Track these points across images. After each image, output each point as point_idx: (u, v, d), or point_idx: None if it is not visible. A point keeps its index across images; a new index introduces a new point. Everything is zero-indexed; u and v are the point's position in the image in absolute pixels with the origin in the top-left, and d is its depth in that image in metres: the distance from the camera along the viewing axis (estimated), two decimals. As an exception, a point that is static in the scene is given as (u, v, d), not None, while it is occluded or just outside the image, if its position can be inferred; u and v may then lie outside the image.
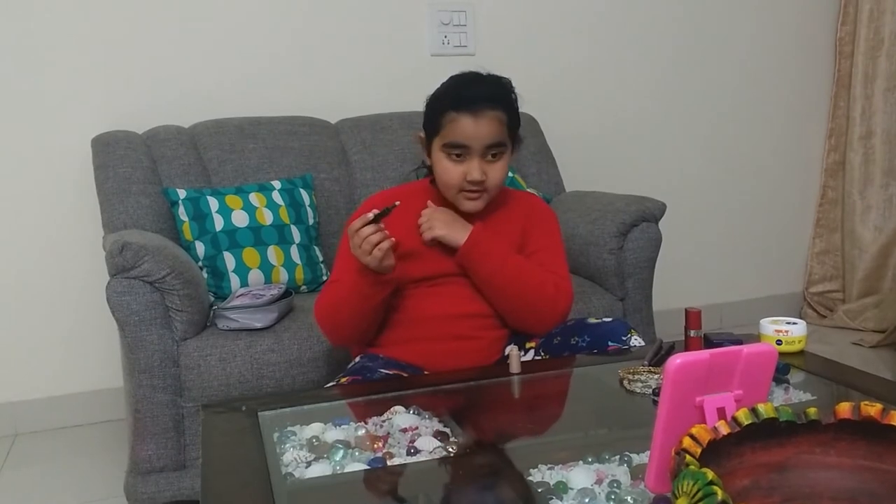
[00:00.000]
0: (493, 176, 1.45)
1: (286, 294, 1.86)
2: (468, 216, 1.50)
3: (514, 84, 1.49)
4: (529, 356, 1.47)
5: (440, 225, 1.47)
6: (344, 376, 1.45)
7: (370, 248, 1.31)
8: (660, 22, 2.92)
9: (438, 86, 1.49)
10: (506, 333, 1.53)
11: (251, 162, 2.21)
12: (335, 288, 1.47)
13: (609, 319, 1.55)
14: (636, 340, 1.47)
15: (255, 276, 1.98)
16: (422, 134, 1.51)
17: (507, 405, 1.30)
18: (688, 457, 0.68)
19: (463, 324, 1.48)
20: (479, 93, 1.42)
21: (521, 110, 1.50)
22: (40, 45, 2.27)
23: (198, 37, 2.41)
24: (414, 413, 1.14)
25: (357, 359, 1.52)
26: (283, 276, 2.02)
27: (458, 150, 1.42)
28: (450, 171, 1.44)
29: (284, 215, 2.08)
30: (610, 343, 1.47)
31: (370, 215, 1.32)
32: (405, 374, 1.42)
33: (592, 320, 1.54)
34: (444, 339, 1.46)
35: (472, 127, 1.41)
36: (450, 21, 2.64)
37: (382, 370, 1.43)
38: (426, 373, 1.44)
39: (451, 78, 1.48)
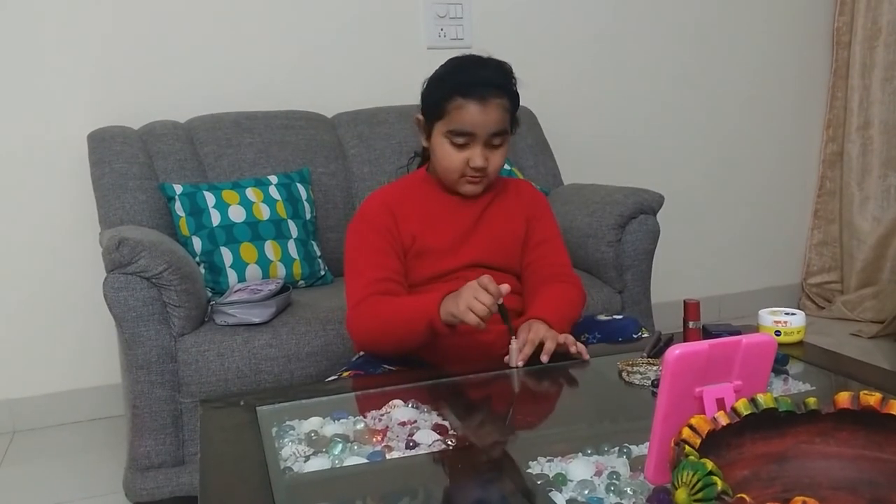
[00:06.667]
0: (495, 162, 1.45)
1: (284, 289, 1.85)
2: (469, 199, 1.50)
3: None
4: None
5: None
6: (347, 370, 1.44)
7: (482, 309, 1.24)
8: (656, 14, 2.92)
9: (437, 68, 1.47)
10: (507, 327, 1.52)
11: (248, 157, 2.20)
12: (392, 307, 1.38)
13: (620, 316, 1.56)
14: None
15: (253, 271, 1.98)
16: (420, 117, 1.49)
17: (506, 398, 1.30)
18: (687, 448, 0.67)
19: None
20: (486, 78, 1.41)
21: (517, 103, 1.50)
22: (36, 41, 2.26)
23: (193, 31, 2.40)
24: (413, 406, 1.14)
25: (361, 352, 1.51)
26: (280, 270, 2.01)
27: (463, 138, 1.41)
28: (452, 156, 1.43)
29: (281, 210, 2.07)
30: (621, 340, 1.47)
31: (503, 292, 1.27)
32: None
33: (602, 317, 1.55)
34: (450, 334, 1.45)
35: (480, 115, 1.39)
36: (446, 14, 2.64)
37: (385, 365, 1.42)
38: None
39: (452, 60, 1.46)
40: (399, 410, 1.12)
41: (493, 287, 1.25)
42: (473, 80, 1.40)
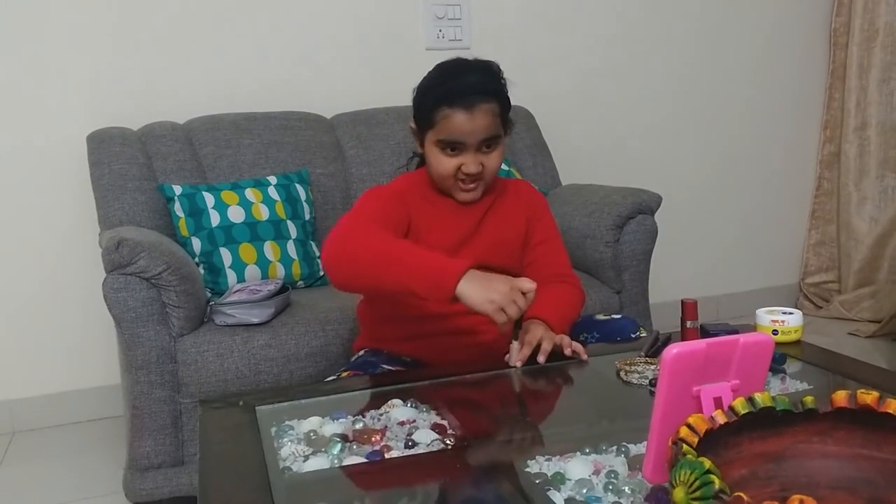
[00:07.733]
0: (489, 165, 1.44)
1: (283, 289, 1.86)
2: (467, 205, 1.49)
3: (504, 72, 1.46)
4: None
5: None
6: (346, 370, 1.45)
7: (516, 313, 1.21)
8: (655, 15, 2.92)
9: (425, 75, 1.46)
10: (511, 328, 1.52)
11: (247, 157, 2.21)
12: (400, 242, 1.30)
13: (618, 316, 1.56)
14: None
15: (252, 271, 1.98)
16: (413, 125, 1.49)
17: (504, 398, 1.30)
18: (685, 446, 0.68)
19: (469, 319, 1.46)
20: (471, 85, 1.38)
21: (516, 103, 1.49)
22: (35, 42, 2.26)
23: (192, 33, 2.40)
24: (411, 406, 1.14)
25: (360, 353, 1.52)
26: (279, 271, 2.02)
27: (454, 146, 1.41)
28: (444, 164, 1.43)
29: (281, 211, 2.07)
30: (619, 340, 1.47)
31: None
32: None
33: (601, 317, 1.55)
34: (450, 334, 1.45)
35: (468, 123, 1.38)
36: (444, 15, 2.64)
37: (385, 366, 1.43)
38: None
39: (438, 67, 1.45)
40: (398, 410, 1.12)
41: (531, 297, 1.23)
42: (459, 87, 1.38)
